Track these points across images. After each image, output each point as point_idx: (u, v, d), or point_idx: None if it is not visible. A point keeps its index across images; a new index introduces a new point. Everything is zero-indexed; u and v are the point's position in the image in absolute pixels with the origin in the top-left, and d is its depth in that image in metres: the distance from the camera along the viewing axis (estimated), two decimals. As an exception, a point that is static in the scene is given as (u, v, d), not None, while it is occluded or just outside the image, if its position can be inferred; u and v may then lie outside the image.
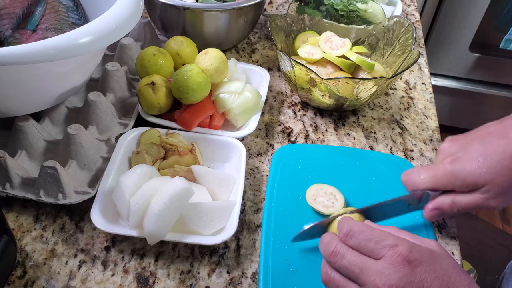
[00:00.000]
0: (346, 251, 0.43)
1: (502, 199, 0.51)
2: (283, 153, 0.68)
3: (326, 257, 0.45)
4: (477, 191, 0.51)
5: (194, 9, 0.75)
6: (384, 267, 0.41)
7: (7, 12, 0.66)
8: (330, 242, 0.45)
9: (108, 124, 0.66)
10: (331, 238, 0.45)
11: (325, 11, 0.82)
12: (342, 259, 0.43)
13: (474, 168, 0.51)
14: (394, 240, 0.42)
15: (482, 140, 0.53)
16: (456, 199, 0.53)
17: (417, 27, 0.98)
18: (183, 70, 0.65)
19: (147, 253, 0.56)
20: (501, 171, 0.50)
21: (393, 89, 0.83)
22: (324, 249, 0.45)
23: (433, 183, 0.54)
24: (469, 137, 0.54)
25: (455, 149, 0.54)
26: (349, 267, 0.43)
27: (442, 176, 0.53)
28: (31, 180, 0.59)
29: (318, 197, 0.61)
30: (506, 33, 1.52)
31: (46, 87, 0.60)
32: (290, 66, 0.69)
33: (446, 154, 0.54)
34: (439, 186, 0.53)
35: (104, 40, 0.52)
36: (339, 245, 0.44)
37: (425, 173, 0.54)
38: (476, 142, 0.53)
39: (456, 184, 0.52)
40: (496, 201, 0.51)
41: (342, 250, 0.44)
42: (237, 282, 0.54)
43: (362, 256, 0.43)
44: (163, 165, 0.62)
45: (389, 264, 0.41)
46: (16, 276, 0.53)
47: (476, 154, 0.51)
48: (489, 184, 0.50)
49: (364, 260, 0.42)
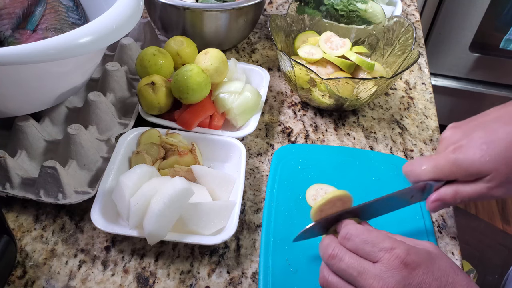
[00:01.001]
0: (344, 254, 0.43)
1: (506, 188, 0.49)
2: (283, 153, 0.68)
3: (325, 259, 0.45)
4: (480, 180, 0.49)
5: (194, 9, 0.75)
6: (382, 270, 0.41)
7: (7, 12, 0.66)
8: (329, 244, 0.45)
9: (108, 124, 0.66)
10: (330, 241, 0.45)
11: (325, 11, 0.82)
12: (340, 262, 0.43)
13: (478, 156, 0.48)
14: (391, 243, 0.42)
15: (485, 126, 0.50)
16: (459, 189, 0.50)
17: (417, 27, 0.98)
18: (183, 70, 0.65)
19: (147, 253, 0.56)
20: (506, 159, 0.47)
21: (393, 89, 0.83)
22: (323, 251, 0.45)
23: (436, 173, 0.51)
24: (472, 124, 0.52)
25: (457, 137, 0.51)
26: (347, 270, 0.43)
27: (444, 166, 0.50)
28: (31, 180, 0.59)
29: (318, 197, 0.61)
30: (506, 33, 1.52)
31: (46, 87, 0.60)
32: (290, 66, 0.69)
33: (448, 142, 0.52)
34: (442, 176, 0.51)
35: (104, 40, 0.52)
36: (338, 248, 0.44)
37: (427, 163, 0.52)
38: (479, 129, 0.50)
39: (459, 174, 0.50)
40: (501, 190, 0.49)
41: (340, 253, 0.44)
42: (237, 282, 0.54)
43: (360, 259, 0.43)
44: (163, 165, 0.62)
45: (386, 267, 0.41)
46: (16, 276, 0.53)
47: (479, 142, 0.49)
48: (493, 173, 0.48)
49: (362, 263, 0.42)
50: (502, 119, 0.50)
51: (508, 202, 1.74)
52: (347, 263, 0.43)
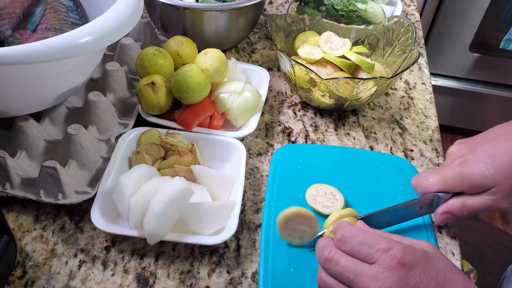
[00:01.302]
0: (340, 257, 0.43)
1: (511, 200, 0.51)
2: (282, 153, 0.68)
3: (321, 263, 0.45)
4: (486, 193, 0.51)
5: (194, 9, 0.75)
6: (378, 272, 0.41)
7: (7, 12, 0.66)
8: (325, 248, 0.45)
9: (108, 124, 0.66)
10: (326, 244, 0.45)
11: (325, 11, 0.82)
12: (337, 265, 0.43)
13: (482, 170, 0.50)
14: (387, 244, 0.42)
15: (490, 141, 0.52)
16: (466, 201, 0.53)
17: (417, 27, 0.98)
18: (183, 70, 0.65)
19: (147, 253, 0.56)
20: (509, 172, 0.50)
21: (393, 89, 0.83)
22: (319, 255, 0.45)
23: (442, 185, 0.53)
24: (478, 140, 0.54)
25: (463, 151, 0.54)
26: (344, 273, 0.43)
27: (450, 178, 0.53)
28: (31, 180, 0.59)
29: (318, 197, 0.61)
30: (506, 33, 1.52)
31: (46, 87, 0.60)
32: (290, 66, 0.69)
33: (454, 156, 0.54)
34: (448, 188, 0.53)
35: (104, 40, 0.52)
36: (333, 251, 0.44)
37: (434, 176, 0.54)
38: (484, 144, 0.52)
39: (464, 186, 0.52)
40: (506, 202, 0.51)
41: (336, 256, 0.43)
42: (237, 282, 0.54)
43: (357, 261, 0.43)
44: (163, 165, 0.62)
45: (383, 268, 0.41)
46: (16, 276, 0.53)
47: (484, 156, 0.51)
48: (497, 186, 0.50)
49: (358, 266, 0.42)
50: (506, 134, 0.52)
51: (508, 202, 1.74)
52: (343, 266, 0.43)
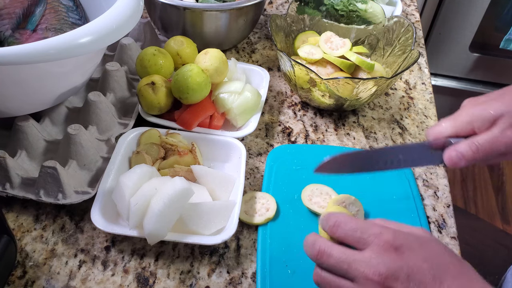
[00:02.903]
0: (332, 249, 0.43)
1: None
2: (277, 153, 0.67)
3: (313, 258, 0.44)
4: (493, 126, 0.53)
5: (194, 9, 0.75)
6: (371, 257, 0.41)
7: (7, 12, 0.66)
8: (314, 243, 0.44)
9: (108, 124, 0.66)
10: (315, 239, 0.45)
11: (325, 11, 0.82)
12: (329, 258, 0.43)
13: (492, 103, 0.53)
14: (379, 229, 0.42)
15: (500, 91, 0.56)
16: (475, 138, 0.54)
17: (417, 27, 0.98)
18: (183, 70, 0.65)
19: (147, 253, 0.56)
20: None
21: (393, 89, 0.83)
22: (310, 251, 0.45)
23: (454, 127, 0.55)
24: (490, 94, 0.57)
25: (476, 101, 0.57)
26: (337, 265, 0.42)
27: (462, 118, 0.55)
28: (31, 180, 0.59)
29: (313, 197, 0.61)
30: (506, 33, 1.52)
31: (46, 87, 0.60)
32: (290, 66, 0.69)
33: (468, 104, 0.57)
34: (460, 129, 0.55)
35: (104, 40, 0.52)
36: (324, 244, 0.44)
37: (447, 121, 0.57)
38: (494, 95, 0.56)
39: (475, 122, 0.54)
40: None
41: (328, 248, 0.43)
42: (237, 282, 0.54)
43: (349, 251, 0.43)
44: (163, 165, 0.62)
45: (376, 253, 0.41)
46: (16, 276, 0.53)
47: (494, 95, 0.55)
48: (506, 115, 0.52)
49: (350, 255, 0.42)
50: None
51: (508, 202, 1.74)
52: (336, 258, 0.43)
